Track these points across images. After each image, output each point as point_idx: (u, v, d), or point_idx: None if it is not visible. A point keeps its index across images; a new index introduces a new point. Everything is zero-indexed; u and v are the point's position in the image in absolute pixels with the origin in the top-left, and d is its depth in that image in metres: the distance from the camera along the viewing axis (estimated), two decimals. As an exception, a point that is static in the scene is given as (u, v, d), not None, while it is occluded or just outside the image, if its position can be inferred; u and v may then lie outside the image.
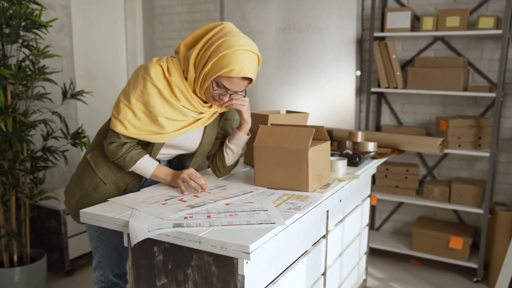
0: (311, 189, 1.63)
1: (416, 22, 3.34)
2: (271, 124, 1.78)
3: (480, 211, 3.06)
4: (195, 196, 1.58)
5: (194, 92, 1.64)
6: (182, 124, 1.66)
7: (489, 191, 3.03)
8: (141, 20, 4.38)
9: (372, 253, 3.55)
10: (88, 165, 1.76)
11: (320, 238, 1.89)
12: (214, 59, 1.53)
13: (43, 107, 3.06)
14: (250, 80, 1.61)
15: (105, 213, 1.40)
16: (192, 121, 1.67)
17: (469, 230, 3.25)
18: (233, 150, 1.80)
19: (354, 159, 2.10)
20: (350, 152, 2.17)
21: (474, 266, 3.12)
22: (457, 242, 3.12)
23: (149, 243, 1.39)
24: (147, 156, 1.67)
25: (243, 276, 1.23)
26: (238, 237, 1.20)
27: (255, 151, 1.69)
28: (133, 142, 1.66)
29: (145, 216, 1.36)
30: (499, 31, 2.88)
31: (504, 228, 2.98)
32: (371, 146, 2.38)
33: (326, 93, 3.60)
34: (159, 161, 1.84)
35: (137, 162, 1.65)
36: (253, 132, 1.85)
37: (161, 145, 1.69)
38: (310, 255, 1.76)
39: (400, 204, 3.64)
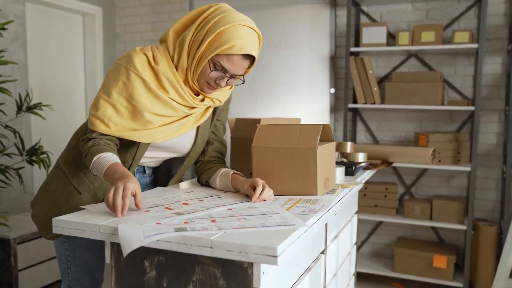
0: (320, 193, 1.45)
1: (390, 39, 3.31)
2: (270, 125, 1.60)
3: (463, 227, 2.98)
4: (184, 203, 1.36)
5: (185, 82, 1.44)
6: (171, 121, 1.45)
7: (471, 206, 2.96)
8: (101, 38, 4.14)
9: (352, 277, 3.37)
10: (60, 171, 1.51)
11: (319, 254, 1.70)
12: (211, 36, 1.33)
13: (-7, 122, 2.74)
14: (251, 61, 1.43)
15: (86, 220, 1.15)
16: (183, 116, 1.47)
17: (451, 249, 3.16)
18: (221, 187, 1.57)
19: (351, 167, 1.95)
20: (345, 161, 2.03)
21: (459, 285, 3.00)
22: (441, 261, 3.01)
23: (138, 257, 1.14)
24: (106, 154, 1.32)
25: (258, 290, 1.02)
26: (259, 239, 0.99)
27: (253, 153, 1.50)
28: (101, 137, 1.38)
29: (135, 223, 1.13)
30: (475, 45, 2.88)
31: (489, 243, 2.90)
32: (361, 157, 2.25)
33: (300, 110, 3.48)
34: (143, 167, 1.60)
35: (93, 161, 1.31)
36: (246, 139, 1.66)
37: (147, 145, 1.46)
38: (312, 272, 1.56)
39: (379, 224, 3.52)
